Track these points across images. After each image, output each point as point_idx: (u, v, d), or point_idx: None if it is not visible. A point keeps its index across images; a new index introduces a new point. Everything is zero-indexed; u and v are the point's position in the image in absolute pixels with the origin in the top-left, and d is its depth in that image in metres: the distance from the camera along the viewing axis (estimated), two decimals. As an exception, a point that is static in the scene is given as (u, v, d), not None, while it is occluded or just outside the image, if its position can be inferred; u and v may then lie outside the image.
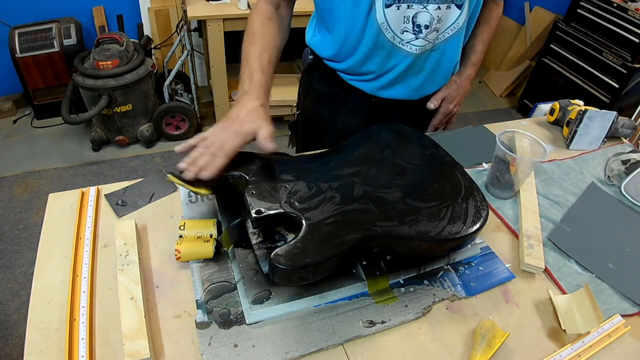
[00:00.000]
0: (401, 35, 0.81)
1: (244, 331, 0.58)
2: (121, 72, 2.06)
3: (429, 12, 0.79)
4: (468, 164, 0.95)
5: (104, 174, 2.22)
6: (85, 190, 0.78)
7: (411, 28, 0.80)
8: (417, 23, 0.79)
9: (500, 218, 0.82)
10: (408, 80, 0.90)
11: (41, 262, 0.65)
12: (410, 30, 0.81)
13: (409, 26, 0.80)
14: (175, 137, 2.45)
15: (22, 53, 2.17)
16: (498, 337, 0.59)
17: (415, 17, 0.79)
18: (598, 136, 1.03)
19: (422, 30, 0.80)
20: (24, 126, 2.48)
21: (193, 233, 0.68)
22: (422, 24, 0.79)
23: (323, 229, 0.58)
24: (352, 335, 0.59)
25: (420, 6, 0.78)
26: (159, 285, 0.64)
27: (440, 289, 0.67)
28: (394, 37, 0.82)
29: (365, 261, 0.67)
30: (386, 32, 0.81)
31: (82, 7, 2.40)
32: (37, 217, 1.94)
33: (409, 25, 0.80)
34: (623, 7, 2.30)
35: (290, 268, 0.53)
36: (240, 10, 2.04)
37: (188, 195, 0.78)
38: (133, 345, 0.53)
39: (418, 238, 0.63)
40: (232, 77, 2.55)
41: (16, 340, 1.50)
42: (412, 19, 0.79)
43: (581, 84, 2.56)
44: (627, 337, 0.65)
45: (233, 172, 0.66)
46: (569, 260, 0.75)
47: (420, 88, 0.93)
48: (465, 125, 1.08)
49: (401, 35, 0.81)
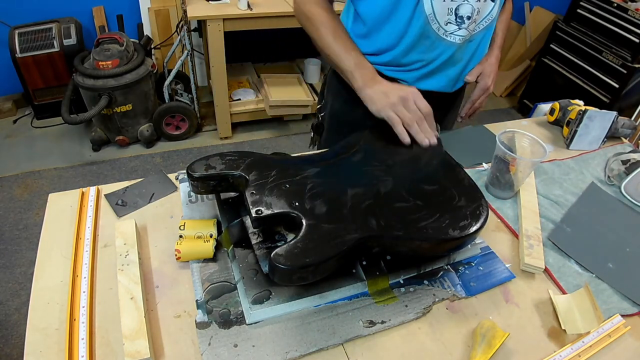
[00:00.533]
0: (445, 26, 0.86)
1: (244, 331, 0.58)
2: (121, 72, 2.06)
3: (470, 4, 0.84)
4: (468, 164, 0.95)
5: (104, 174, 2.22)
6: (85, 190, 0.78)
7: (454, 19, 0.85)
8: (460, 14, 0.85)
9: (500, 218, 0.82)
10: (447, 70, 0.94)
11: (41, 262, 0.65)
12: (453, 22, 0.85)
13: (452, 18, 0.85)
14: (175, 137, 2.45)
15: (22, 53, 2.17)
16: (498, 337, 0.59)
17: (458, 9, 0.84)
18: (598, 136, 1.03)
19: (464, 21, 0.86)
20: (24, 126, 2.48)
21: (193, 233, 0.68)
22: (464, 15, 0.85)
23: (323, 229, 0.58)
24: (352, 335, 0.59)
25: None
26: (159, 285, 0.64)
27: (440, 289, 0.67)
28: (439, 28, 0.86)
29: (365, 261, 0.67)
30: (432, 23, 0.85)
31: (82, 7, 2.40)
32: (37, 217, 1.95)
33: (452, 17, 0.85)
34: (623, 7, 2.30)
35: (290, 268, 0.53)
36: (240, 10, 2.04)
37: (188, 195, 0.78)
38: (133, 345, 0.53)
39: (418, 238, 0.63)
40: (232, 77, 2.55)
41: (16, 340, 1.50)
42: (455, 10, 0.84)
43: (581, 84, 2.56)
44: (627, 337, 0.65)
45: (233, 172, 0.66)
46: (569, 260, 0.75)
47: (457, 78, 0.97)
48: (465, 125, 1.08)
49: (445, 27, 0.86)
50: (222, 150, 0.70)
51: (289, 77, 2.65)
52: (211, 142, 2.49)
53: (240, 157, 0.68)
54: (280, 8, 2.11)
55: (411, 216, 0.64)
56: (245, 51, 2.82)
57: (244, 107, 2.47)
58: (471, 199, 0.68)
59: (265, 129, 2.62)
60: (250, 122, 2.57)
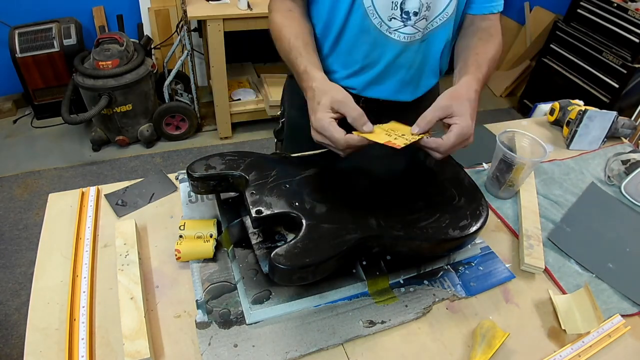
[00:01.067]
0: (389, 22, 0.78)
1: (244, 331, 0.58)
2: (121, 72, 2.06)
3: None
4: (468, 164, 0.95)
5: (104, 174, 2.22)
6: (85, 190, 0.78)
7: (399, 15, 0.77)
8: (406, 10, 0.76)
9: (500, 218, 0.82)
10: (396, 74, 0.86)
11: (41, 262, 0.65)
12: (399, 17, 0.77)
13: (397, 13, 0.77)
14: (175, 137, 2.45)
15: (22, 53, 2.17)
16: (498, 337, 0.59)
17: (404, 3, 0.76)
18: (598, 136, 1.03)
19: (410, 17, 0.77)
20: (24, 126, 2.48)
21: (193, 233, 0.68)
22: (410, 10, 0.76)
23: (323, 229, 0.58)
24: (352, 335, 0.59)
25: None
26: (159, 285, 0.64)
27: (440, 289, 0.67)
28: (380, 23, 0.78)
29: (365, 261, 0.67)
30: (372, 17, 0.77)
31: (82, 7, 2.40)
32: (37, 217, 1.94)
33: (397, 12, 0.77)
34: (623, 7, 2.30)
35: (290, 268, 0.53)
36: (240, 10, 2.04)
37: (188, 195, 0.78)
38: (133, 345, 0.53)
39: (418, 238, 0.63)
40: (232, 77, 2.55)
41: (16, 340, 1.50)
42: (401, 5, 0.76)
43: (581, 84, 2.56)
44: (627, 337, 0.65)
45: (233, 172, 0.66)
46: (569, 260, 0.75)
47: (410, 83, 0.88)
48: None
49: (389, 22, 0.78)
50: (222, 150, 0.70)
51: (288, 77, 2.65)
52: (211, 142, 2.49)
53: (240, 157, 0.68)
54: (280, 8, 2.10)
55: (411, 216, 0.64)
56: (245, 51, 2.82)
57: (244, 107, 2.47)
58: (471, 199, 0.68)
59: (265, 129, 2.62)
60: (250, 122, 2.57)
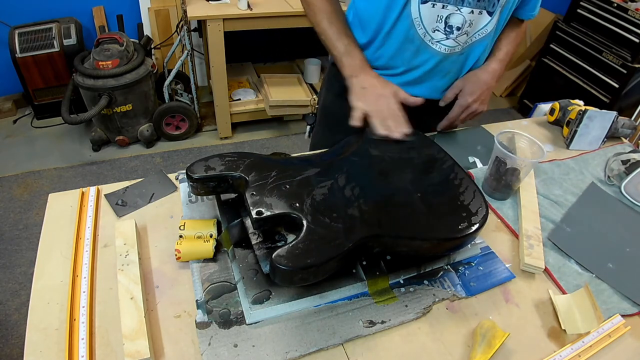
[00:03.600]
0: (432, 33, 0.84)
1: (244, 331, 0.58)
2: (121, 72, 2.06)
3: (462, 15, 0.81)
4: (467, 164, 0.95)
5: (104, 174, 2.22)
6: (85, 190, 0.78)
7: (443, 28, 0.83)
8: (450, 24, 0.82)
9: (500, 218, 0.82)
10: (433, 81, 0.92)
11: (41, 262, 0.65)
12: (442, 30, 0.83)
13: (441, 26, 0.82)
14: (175, 137, 2.45)
15: (22, 53, 2.17)
16: (498, 337, 0.59)
17: (449, 17, 0.81)
18: (598, 136, 1.03)
19: (453, 32, 0.83)
20: (24, 126, 2.48)
21: (193, 233, 0.68)
22: (454, 25, 0.82)
23: (324, 230, 0.58)
24: (352, 335, 0.59)
25: (454, 8, 0.80)
26: (159, 285, 0.64)
27: (440, 289, 0.67)
28: (424, 34, 0.84)
29: (365, 261, 0.67)
30: (418, 28, 0.83)
31: (82, 7, 2.40)
32: (37, 217, 1.94)
33: (441, 25, 0.82)
34: (623, 7, 2.30)
35: (292, 269, 0.53)
36: (240, 10, 2.04)
37: (188, 196, 0.78)
38: (133, 345, 0.53)
39: (418, 238, 0.63)
40: (232, 77, 2.55)
41: (16, 340, 1.50)
42: (445, 19, 0.82)
43: (581, 84, 2.56)
44: (627, 337, 0.65)
45: (233, 173, 0.66)
46: (569, 260, 0.75)
47: (443, 88, 0.94)
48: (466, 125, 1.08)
49: (432, 34, 0.84)
50: (222, 151, 0.70)
51: (289, 77, 2.65)
52: (211, 142, 2.49)
53: (240, 158, 0.68)
54: (280, 8, 2.11)
55: (411, 216, 0.64)
56: (245, 51, 2.82)
57: (244, 107, 2.47)
58: (471, 199, 0.68)
59: (265, 129, 2.62)
60: (250, 122, 2.57)
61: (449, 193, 0.69)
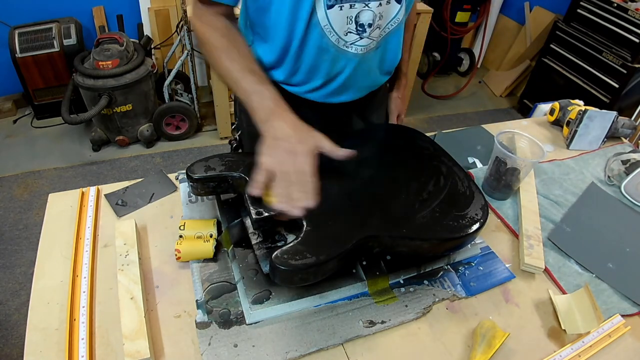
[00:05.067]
0: (345, 37, 0.77)
1: (244, 331, 0.58)
2: (121, 72, 2.06)
3: (371, 10, 0.75)
4: (467, 164, 0.95)
5: (104, 174, 2.22)
6: (85, 190, 0.78)
7: (354, 28, 0.76)
8: (360, 22, 0.76)
9: (500, 218, 0.82)
10: (357, 83, 0.86)
11: (41, 262, 0.65)
12: (354, 31, 0.77)
13: (352, 27, 0.76)
14: (175, 137, 2.45)
15: (22, 53, 2.17)
16: (498, 337, 0.59)
17: (358, 16, 0.75)
18: (598, 136, 1.03)
19: (365, 30, 0.77)
20: (24, 126, 2.48)
21: (193, 233, 0.68)
22: (365, 22, 0.76)
23: (324, 230, 0.58)
24: (352, 335, 0.59)
25: (362, 5, 0.74)
26: (159, 285, 0.64)
27: (440, 289, 0.67)
28: (337, 39, 0.77)
29: (365, 261, 0.67)
30: (329, 35, 0.76)
31: (82, 7, 2.40)
32: (37, 217, 1.94)
33: (352, 26, 0.76)
34: (623, 7, 2.30)
35: (292, 269, 0.53)
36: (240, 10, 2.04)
37: (188, 196, 0.78)
38: (133, 345, 0.53)
39: (418, 238, 0.63)
40: (232, 77, 2.55)
41: (16, 340, 1.50)
42: (355, 18, 0.75)
43: (581, 84, 2.56)
44: (627, 337, 0.65)
45: (233, 173, 0.66)
46: (569, 260, 0.75)
47: (368, 87, 0.90)
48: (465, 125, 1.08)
49: (345, 37, 0.77)
50: (222, 151, 0.70)
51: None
52: (211, 142, 2.49)
53: (240, 158, 0.68)
54: (280, 8, 2.11)
55: (411, 216, 0.64)
56: (245, 51, 2.81)
57: (244, 107, 2.47)
58: (471, 199, 0.68)
59: (265, 129, 2.61)
60: (250, 122, 2.57)
61: (449, 193, 0.69)
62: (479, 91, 3.28)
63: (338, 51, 0.79)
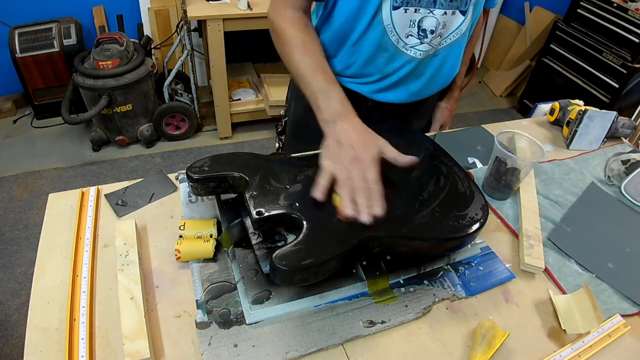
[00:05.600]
0: (405, 39, 0.80)
1: (244, 331, 0.58)
2: (121, 72, 2.06)
3: (435, 17, 0.78)
4: (467, 164, 0.95)
5: (104, 174, 2.22)
6: (85, 190, 0.78)
7: (416, 32, 0.79)
8: (423, 27, 0.79)
9: (500, 218, 0.82)
10: (408, 85, 0.89)
11: (41, 262, 0.65)
12: (415, 35, 0.80)
13: (414, 30, 0.79)
14: (175, 137, 2.45)
15: (22, 53, 2.17)
16: (498, 337, 0.59)
17: (422, 21, 0.78)
18: (598, 136, 1.03)
19: (427, 35, 0.80)
20: (24, 126, 2.48)
21: (193, 233, 0.68)
22: (427, 28, 0.79)
23: (324, 230, 0.58)
24: (352, 335, 0.59)
25: (427, 10, 0.77)
26: (159, 285, 0.64)
27: (440, 289, 0.67)
28: (398, 40, 0.80)
29: (365, 261, 0.67)
30: (390, 35, 0.80)
31: (82, 7, 2.40)
32: (37, 217, 1.95)
33: (414, 30, 0.79)
34: (623, 7, 2.30)
35: (292, 269, 0.53)
36: (240, 10, 2.04)
37: (188, 195, 0.78)
38: (133, 345, 0.53)
39: (418, 238, 0.63)
40: (232, 77, 2.55)
41: (16, 340, 1.50)
42: (418, 23, 0.78)
43: (581, 84, 2.56)
44: (627, 337, 0.65)
45: (233, 173, 0.66)
46: (569, 260, 0.75)
47: (418, 93, 0.92)
48: (465, 125, 1.08)
49: (405, 39, 0.80)
50: (222, 151, 0.70)
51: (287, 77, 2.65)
52: (211, 142, 2.49)
53: (240, 158, 0.68)
54: (280, 8, 2.11)
55: (411, 216, 0.64)
56: (245, 51, 2.82)
57: (244, 107, 2.47)
58: (471, 199, 0.68)
59: (265, 129, 2.62)
60: (250, 122, 2.57)
61: (449, 193, 0.69)
62: (479, 91, 3.29)
63: (396, 51, 0.82)
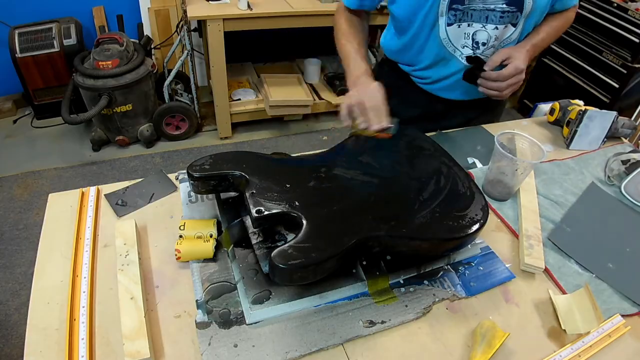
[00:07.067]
0: (462, 49, 0.91)
1: (244, 331, 0.58)
2: (121, 72, 2.06)
3: (487, 32, 0.87)
4: (467, 164, 0.95)
5: (104, 174, 2.22)
6: (85, 190, 0.78)
7: (470, 44, 0.89)
8: (476, 40, 0.89)
9: (500, 218, 0.82)
10: (463, 87, 0.97)
11: (41, 262, 0.65)
12: (470, 46, 0.90)
13: (469, 42, 0.89)
14: (175, 137, 2.45)
15: (22, 53, 2.17)
16: (498, 337, 0.59)
17: (475, 34, 0.88)
18: (598, 136, 1.03)
19: (479, 47, 0.90)
20: (24, 126, 2.48)
21: (193, 233, 0.68)
22: (480, 41, 0.89)
23: (323, 229, 0.58)
24: (352, 335, 0.59)
25: (479, 25, 0.86)
26: (159, 285, 0.64)
27: (440, 289, 0.67)
28: (454, 50, 0.91)
29: (365, 261, 0.67)
30: (447, 46, 0.91)
31: (82, 7, 2.40)
32: (37, 217, 1.94)
33: (468, 42, 0.89)
34: (623, 7, 2.30)
35: (290, 268, 0.53)
36: (240, 10, 2.04)
37: (188, 195, 0.78)
38: (133, 345, 0.53)
39: (418, 238, 0.63)
40: (232, 77, 2.55)
41: (16, 340, 1.49)
42: (472, 36, 0.88)
43: (581, 84, 2.56)
44: (627, 337, 0.65)
45: (233, 172, 0.66)
46: (569, 260, 0.75)
47: (477, 92, 0.96)
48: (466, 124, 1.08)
49: (462, 49, 0.91)
50: (222, 151, 0.71)
51: (289, 77, 2.65)
52: (211, 142, 2.49)
53: (240, 157, 0.68)
54: (280, 8, 2.11)
55: (411, 216, 0.64)
56: (245, 51, 2.82)
57: (244, 107, 2.47)
58: (471, 199, 0.68)
59: (265, 129, 2.62)
60: (250, 122, 2.57)
61: (449, 193, 0.69)
62: (479, 91, 3.28)
63: (453, 59, 0.93)
